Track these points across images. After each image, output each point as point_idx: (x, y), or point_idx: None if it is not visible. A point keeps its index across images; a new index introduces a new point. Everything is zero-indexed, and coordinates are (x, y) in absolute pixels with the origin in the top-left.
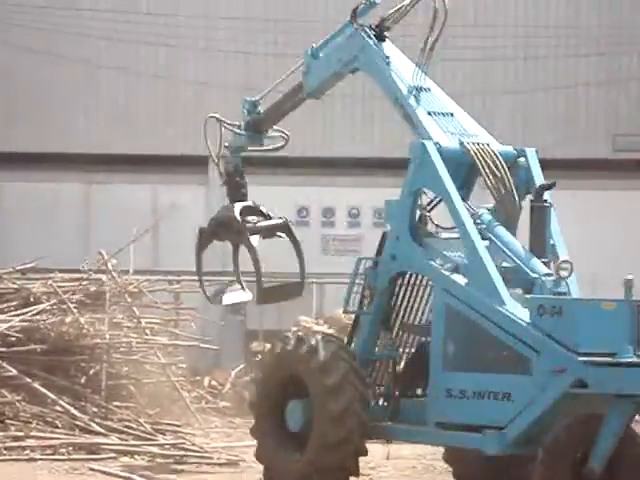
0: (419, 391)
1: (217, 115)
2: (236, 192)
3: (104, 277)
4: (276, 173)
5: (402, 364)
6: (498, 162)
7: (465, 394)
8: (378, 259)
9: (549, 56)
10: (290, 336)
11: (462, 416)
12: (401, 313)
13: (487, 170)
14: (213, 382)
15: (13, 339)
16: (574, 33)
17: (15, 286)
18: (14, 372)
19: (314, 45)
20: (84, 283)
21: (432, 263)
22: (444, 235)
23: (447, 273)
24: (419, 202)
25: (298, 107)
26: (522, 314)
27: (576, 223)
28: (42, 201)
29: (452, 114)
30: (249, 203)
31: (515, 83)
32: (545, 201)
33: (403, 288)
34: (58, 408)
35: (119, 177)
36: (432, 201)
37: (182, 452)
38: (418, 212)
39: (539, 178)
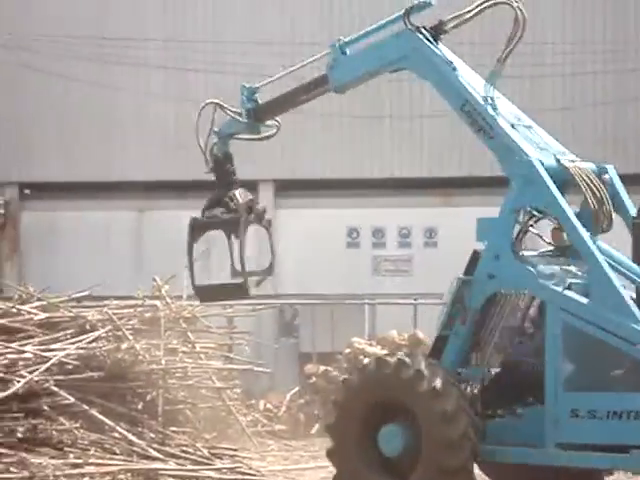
0: (500, 411)
1: (218, 101)
2: (226, 179)
3: (158, 303)
4: (326, 195)
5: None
6: (596, 181)
7: (596, 414)
8: (471, 279)
9: (597, 72)
10: (387, 359)
11: (595, 436)
12: (492, 332)
13: (588, 190)
14: (268, 405)
15: (70, 367)
16: (622, 48)
17: (71, 314)
18: (72, 400)
19: (342, 39)
20: (139, 310)
21: (544, 282)
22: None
23: (566, 292)
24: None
25: (313, 100)
26: None
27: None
28: (96, 229)
29: (531, 127)
30: (250, 196)
31: (563, 100)
32: None
33: (496, 307)
34: (116, 435)
35: (170, 204)
36: (531, 218)
37: (240, 476)
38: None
39: (623, 194)
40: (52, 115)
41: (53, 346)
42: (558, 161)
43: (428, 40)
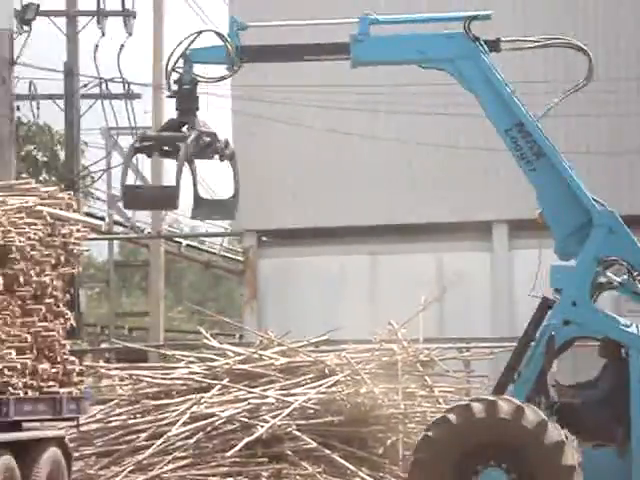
0: None
1: (217, 30)
2: (188, 105)
3: (395, 347)
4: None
5: None
6: None
7: None
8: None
9: None
10: (501, 403)
11: None
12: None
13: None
14: None
15: (311, 411)
16: None
17: (310, 359)
18: (314, 444)
19: (374, 15)
20: (376, 353)
21: (626, 329)
22: None
23: None
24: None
25: (318, 61)
26: None
27: None
28: (331, 274)
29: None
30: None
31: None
32: None
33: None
34: (358, 479)
35: (403, 247)
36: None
37: None
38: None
39: None
40: (286, 162)
41: (294, 391)
42: (603, 206)
43: (488, 53)
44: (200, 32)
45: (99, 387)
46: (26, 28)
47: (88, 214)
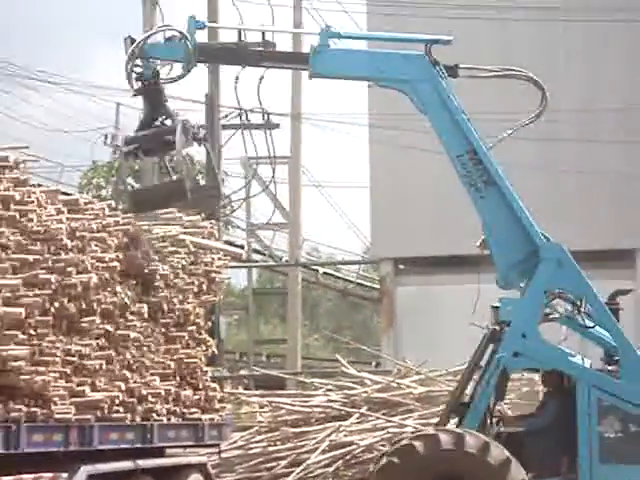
0: None
1: (183, 31)
2: (157, 100)
3: (536, 376)
4: None
5: None
6: None
7: None
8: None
9: None
10: (468, 437)
11: None
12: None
13: None
14: None
15: None
16: None
17: (449, 388)
18: None
19: (335, 29)
20: (516, 383)
21: (574, 360)
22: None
23: (594, 370)
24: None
25: (276, 68)
26: None
27: None
28: (467, 301)
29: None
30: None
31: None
32: (617, 304)
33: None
34: None
35: None
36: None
37: None
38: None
39: None
40: (424, 190)
41: (433, 420)
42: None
43: (447, 78)
44: (159, 28)
45: (239, 414)
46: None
47: (228, 242)
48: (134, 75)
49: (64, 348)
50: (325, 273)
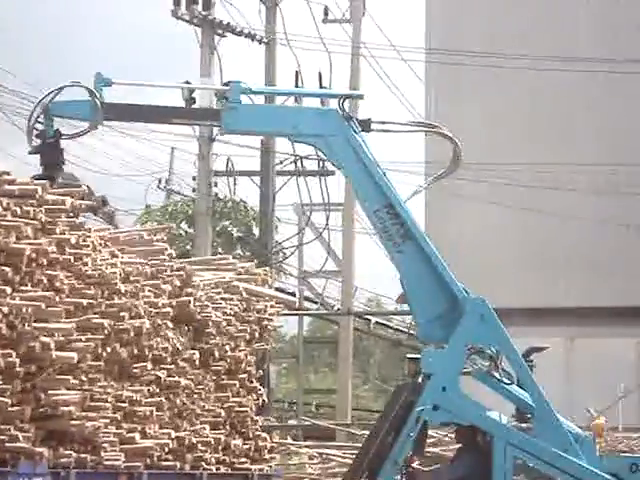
0: None
1: (82, 83)
2: (52, 159)
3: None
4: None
5: None
6: None
7: None
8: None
9: None
10: None
11: None
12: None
13: None
14: None
15: None
16: None
17: None
18: None
19: (246, 85)
20: None
21: (491, 416)
22: None
23: (511, 427)
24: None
25: (187, 125)
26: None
27: None
28: None
29: None
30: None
31: None
32: (531, 361)
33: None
34: None
35: (602, 331)
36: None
37: None
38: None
39: None
40: (480, 240)
41: None
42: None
43: (360, 134)
44: (63, 87)
45: (288, 465)
46: None
47: (279, 289)
48: (34, 132)
49: (115, 394)
50: (377, 323)
